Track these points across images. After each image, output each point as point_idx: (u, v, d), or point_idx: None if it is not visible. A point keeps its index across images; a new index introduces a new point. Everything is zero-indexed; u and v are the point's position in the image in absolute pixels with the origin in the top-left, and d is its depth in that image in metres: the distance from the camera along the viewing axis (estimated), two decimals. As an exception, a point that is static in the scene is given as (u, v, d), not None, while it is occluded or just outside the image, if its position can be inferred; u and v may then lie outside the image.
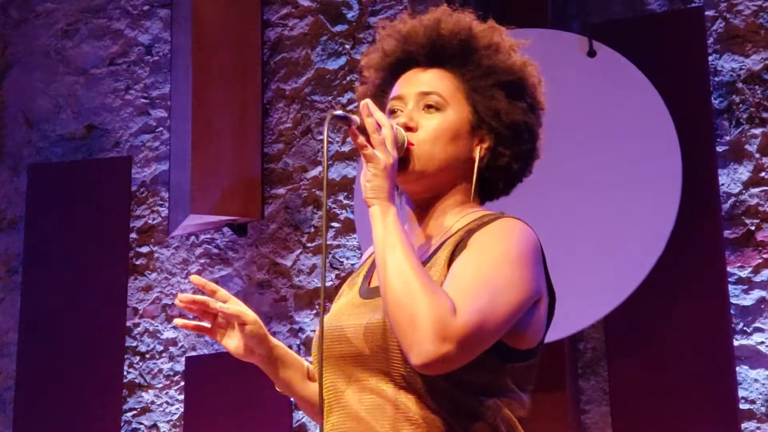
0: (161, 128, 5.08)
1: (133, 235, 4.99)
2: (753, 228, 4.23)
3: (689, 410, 4.05)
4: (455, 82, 2.03)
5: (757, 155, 4.28)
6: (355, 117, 1.90)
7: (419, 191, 2.00)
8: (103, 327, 4.83)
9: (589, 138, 4.20)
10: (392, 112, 2.03)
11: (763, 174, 4.26)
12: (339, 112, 1.91)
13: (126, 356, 4.85)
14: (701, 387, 4.06)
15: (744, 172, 4.29)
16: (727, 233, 4.22)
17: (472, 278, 1.84)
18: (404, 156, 1.95)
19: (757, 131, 4.30)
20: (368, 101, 1.90)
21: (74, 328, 4.82)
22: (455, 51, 2.04)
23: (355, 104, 2.16)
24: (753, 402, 4.10)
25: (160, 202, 5.00)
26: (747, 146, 4.30)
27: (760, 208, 4.24)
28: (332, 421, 1.91)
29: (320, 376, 1.88)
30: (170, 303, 4.90)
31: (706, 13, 4.40)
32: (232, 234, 4.82)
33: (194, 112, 4.58)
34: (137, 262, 4.97)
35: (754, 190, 4.26)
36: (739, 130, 4.32)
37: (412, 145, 1.96)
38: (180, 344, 4.84)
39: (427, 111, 2.00)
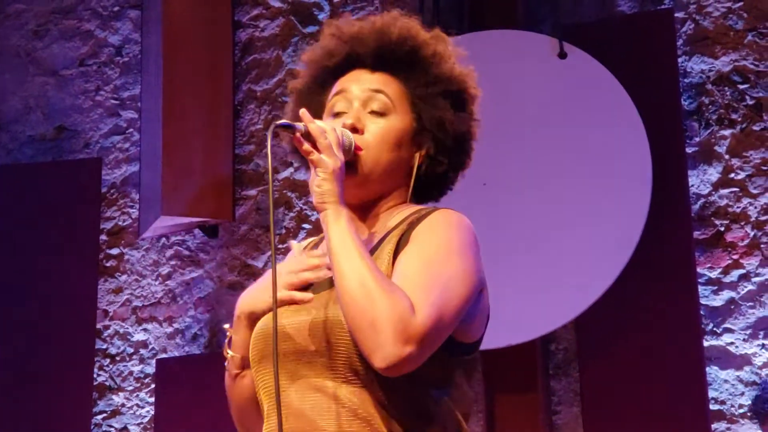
0: (132, 129, 5.06)
1: (104, 237, 4.97)
2: (722, 229, 4.25)
3: (660, 411, 4.07)
4: (401, 89, 2.04)
5: (727, 156, 4.30)
6: (298, 124, 1.89)
7: (361, 195, 2.01)
8: (73, 329, 4.80)
9: (559, 139, 4.21)
10: (336, 112, 2.03)
11: (732, 175, 4.28)
12: (282, 121, 1.91)
13: (96, 359, 4.83)
14: (671, 388, 4.07)
15: (713, 173, 4.31)
16: (696, 234, 4.24)
17: (421, 273, 1.84)
18: (351, 160, 1.96)
19: (727, 132, 4.32)
20: (304, 110, 1.91)
21: (44, 331, 4.79)
22: (402, 57, 2.05)
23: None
24: (723, 402, 4.12)
25: (131, 204, 4.98)
26: (716, 147, 4.32)
27: (730, 209, 4.26)
28: (274, 420, 1.89)
29: (276, 375, 1.86)
30: (140, 305, 4.88)
31: (676, 14, 4.42)
32: (203, 235, 4.81)
33: (165, 113, 4.56)
34: (107, 264, 4.95)
35: (724, 191, 4.28)
36: (709, 131, 4.34)
37: (361, 150, 1.97)
38: (150, 346, 4.82)
39: (373, 114, 2.01)
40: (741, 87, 4.34)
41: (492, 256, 4.17)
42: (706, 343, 4.14)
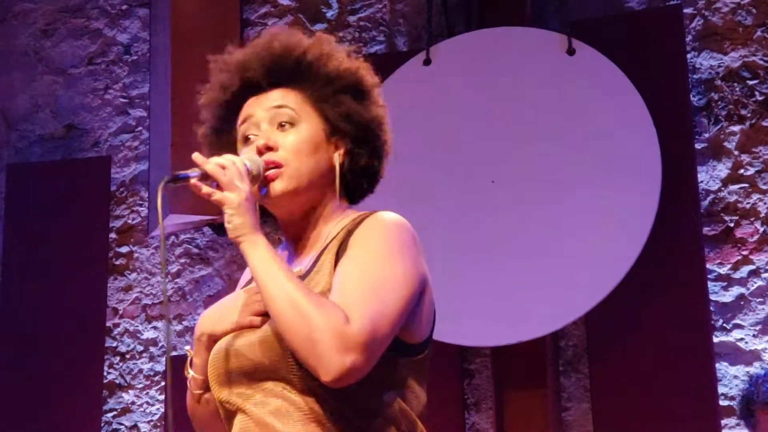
0: (140, 128, 5.07)
1: (113, 235, 4.98)
2: (732, 225, 4.25)
3: (669, 407, 4.07)
4: (301, 97, 2.07)
5: (736, 152, 4.30)
6: (190, 171, 1.92)
7: (293, 209, 2.04)
8: (83, 327, 4.81)
9: (568, 136, 4.21)
10: (246, 139, 2.06)
11: (741, 171, 4.28)
12: (170, 176, 1.93)
13: (106, 357, 4.84)
14: (681, 384, 4.07)
15: (723, 169, 4.30)
16: (706, 230, 4.24)
17: (358, 282, 1.86)
18: (268, 180, 1.98)
19: (736, 128, 4.32)
20: (196, 154, 1.94)
21: (54, 329, 4.80)
22: (292, 68, 2.09)
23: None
24: (733, 398, 4.11)
25: (140, 202, 4.99)
26: (726, 143, 4.32)
27: (739, 205, 4.26)
28: (235, 430, 1.93)
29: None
30: (150, 303, 4.89)
31: (685, 10, 4.42)
32: (212, 233, 4.81)
33: (173, 111, 4.56)
34: (117, 262, 4.95)
35: (733, 187, 4.28)
36: (718, 127, 4.33)
37: (278, 166, 1.99)
38: (160, 344, 4.83)
39: (282, 129, 2.04)
40: (750, 83, 4.34)
41: (501, 253, 4.19)
42: (715, 339, 4.14)
